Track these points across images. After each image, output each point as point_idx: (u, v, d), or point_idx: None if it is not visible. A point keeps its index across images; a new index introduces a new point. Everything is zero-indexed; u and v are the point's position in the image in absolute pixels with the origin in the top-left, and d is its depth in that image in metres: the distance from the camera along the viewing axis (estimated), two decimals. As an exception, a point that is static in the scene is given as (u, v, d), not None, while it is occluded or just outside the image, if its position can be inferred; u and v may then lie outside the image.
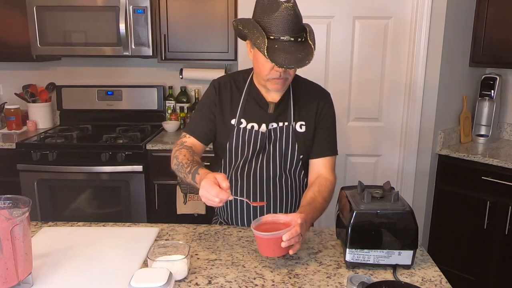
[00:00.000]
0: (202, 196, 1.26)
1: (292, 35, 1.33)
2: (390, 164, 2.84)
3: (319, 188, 1.49)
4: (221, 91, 1.56)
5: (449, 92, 2.78)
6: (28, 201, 1.12)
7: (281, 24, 1.32)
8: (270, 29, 1.33)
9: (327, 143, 1.58)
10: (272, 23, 1.33)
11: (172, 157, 1.52)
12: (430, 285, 1.20)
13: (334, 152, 1.60)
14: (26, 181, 2.73)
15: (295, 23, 1.33)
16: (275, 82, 1.43)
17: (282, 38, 1.33)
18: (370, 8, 2.62)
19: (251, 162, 1.54)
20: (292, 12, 1.32)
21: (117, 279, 1.18)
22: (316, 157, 1.57)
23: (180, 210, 2.75)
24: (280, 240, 1.20)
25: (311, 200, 1.44)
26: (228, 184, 1.25)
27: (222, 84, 1.58)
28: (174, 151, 1.53)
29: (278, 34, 1.33)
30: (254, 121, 1.53)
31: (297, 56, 1.32)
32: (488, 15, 2.74)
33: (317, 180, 1.53)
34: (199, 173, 1.35)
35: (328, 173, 1.56)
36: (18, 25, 2.86)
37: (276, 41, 1.33)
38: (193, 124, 1.62)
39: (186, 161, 1.43)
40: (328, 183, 1.53)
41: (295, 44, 1.34)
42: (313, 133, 1.56)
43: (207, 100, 1.58)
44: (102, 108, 3.22)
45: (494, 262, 2.61)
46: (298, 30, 1.35)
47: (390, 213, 1.23)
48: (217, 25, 2.85)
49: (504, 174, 2.50)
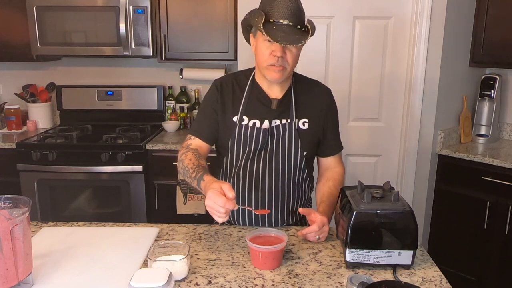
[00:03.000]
0: (208, 206, 1.27)
1: (291, 20, 1.38)
2: (390, 164, 2.84)
3: (334, 183, 1.59)
4: (223, 90, 1.57)
5: (449, 92, 2.78)
6: (28, 201, 1.12)
7: (281, 8, 1.37)
8: (271, 13, 1.39)
9: (335, 142, 1.66)
10: (273, 8, 1.38)
11: (178, 161, 1.53)
12: (430, 285, 1.20)
13: (341, 148, 1.68)
14: (26, 181, 2.73)
15: (294, 10, 1.38)
16: (273, 69, 1.43)
17: (281, 21, 1.38)
18: (370, 8, 2.62)
19: (253, 160, 1.54)
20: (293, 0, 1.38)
21: (117, 279, 1.18)
22: (326, 156, 1.65)
23: (180, 210, 2.75)
24: (272, 254, 1.25)
25: (329, 195, 1.55)
26: (234, 194, 1.26)
27: (223, 83, 1.58)
28: (180, 154, 1.53)
29: (278, 18, 1.38)
30: (256, 117, 1.53)
31: (294, 36, 1.36)
32: (488, 15, 2.74)
33: (330, 174, 1.63)
34: (204, 179, 1.36)
35: (338, 166, 1.66)
36: (18, 25, 2.86)
37: (275, 23, 1.38)
38: (197, 125, 1.63)
39: (191, 165, 1.44)
40: (341, 176, 1.64)
41: (294, 28, 1.38)
42: (317, 131, 1.58)
43: (209, 100, 1.59)
44: (102, 108, 3.22)
45: (494, 262, 2.61)
46: (298, 18, 1.39)
47: (390, 213, 1.23)
48: (217, 25, 2.85)
49: (504, 174, 2.50)
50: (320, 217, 1.39)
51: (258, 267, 1.26)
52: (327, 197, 1.55)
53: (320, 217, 1.39)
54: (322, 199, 1.56)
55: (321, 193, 1.60)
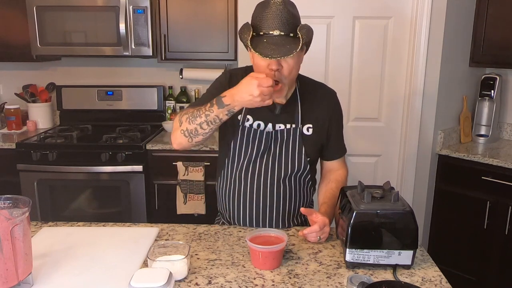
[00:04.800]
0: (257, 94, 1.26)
1: (283, 30, 1.34)
2: (390, 164, 2.84)
3: (336, 185, 1.58)
4: (232, 82, 1.49)
5: (449, 92, 2.78)
6: (28, 201, 1.12)
7: (271, 19, 1.34)
8: (262, 25, 1.35)
9: (338, 145, 1.65)
10: (263, 19, 1.35)
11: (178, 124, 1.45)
12: (430, 285, 1.20)
13: (344, 151, 1.68)
14: (26, 181, 2.73)
15: (285, 18, 1.34)
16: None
17: (271, 32, 1.34)
18: (370, 8, 2.62)
19: (256, 163, 1.54)
20: (282, 7, 1.34)
21: (117, 279, 1.18)
22: (330, 160, 1.65)
23: (180, 210, 2.75)
24: (272, 254, 1.25)
25: (331, 197, 1.55)
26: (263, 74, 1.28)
27: (233, 75, 1.55)
28: (176, 120, 1.46)
29: (268, 29, 1.34)
30: (260, 119, 1.52)
31: (285, 48, 1.32)
32: (488, 15, 2.74)
33: (333, 176, 1.63)
34: (224, 95, 1.32)
35: (342, 168, 1.66)
36: (18, 25, 2.86)
37: (266, 36, 1.35)
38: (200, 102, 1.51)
39: (197, 108, 1.38)
40: (344, 178, 1.64)
41: (286, 38, 1.34)
42: (321, 136, 1.57)
43: (218, 83, 1.56)
44: (102, 108, 3.22)
45: (494, 262, 2.61)
46: (290, 25, 1.35)
47: (390, 213, 1.23)
48: (217, 25, 2.85)
49: (504, 174, 2.50)
50: (322, 217, 1.39)
51: (258, 267, 1.26)
52: (329, 199, 1.55)
53: (321, 217, 1.39)
54: (324, 200, 1.56)
55: (323, 195, 1.60)
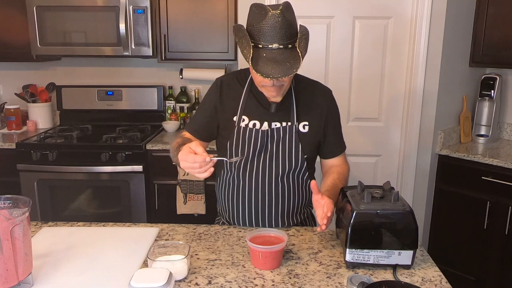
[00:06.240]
0: (184, 168, 1.29)
1: (281, 43, 1.31)
2: (390, 164, 2.84)
3: (338, 176, 1.57)
4: (224, 89, 1.56)
5: (449, 92, 2.78)
6: (28, 201, 1.12)
7: (268, 32, 1.30)
8: (259, 37, 1.32)
9: (338, 142, 1.64)
10: (260, 31, 1.31)
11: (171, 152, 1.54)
12: (430, 285, 1.20)
13: (343, 148, 1.67)
14: (26, 181, 2.73)
15: (284, 30, 1.31)
16: (269, 89, 1.42)
17: (270, 46, 1.31)
18: (370, 8, 2.62)
19: (253, 162, 1.54)
20: (280, 19, 1.30)
21: (117, 279, 1.18)
22: (330, 157, 1.64)
23: (180, 210, 2.75)
24: (272, 254, 1.24)
25: (333, 185, 1.51)
26: (202, 148, 1.28)
27: (224, 82, 1.57)
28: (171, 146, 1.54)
29: (267, 43, 1.31)
30: (256, 118, 1.53)
31: (285, 65, 1.30)
32: (488, 15, 2.74)
33: (335, 168, 1.61)
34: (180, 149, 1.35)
35: (343, 163, 1.65)
36: (18, 25, 2.86)
37: (264, 49, 1.32)
38: (193, 122, 1.64)
39: (176, 145, 1.45)
40: (345, 170, 1.62)
41: (285, 51, 1.32)
42: (317, 134, 1.57)
43: (209, 98, 1.59)
44: (102, 108, 3.22)
45: (494, 262, 2.61)
46: (288, 36, 1.32)
47: (390, 213, 1.23)
48: (217, 25, 2.85)
49: (504, 174, 2.50)
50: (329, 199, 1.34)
51: (258, 267, 1.26)
52: (332, 187, 1.50)
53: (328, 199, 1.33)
54: (326, 188, 1.51)
55: (325, 185, 1.54)
